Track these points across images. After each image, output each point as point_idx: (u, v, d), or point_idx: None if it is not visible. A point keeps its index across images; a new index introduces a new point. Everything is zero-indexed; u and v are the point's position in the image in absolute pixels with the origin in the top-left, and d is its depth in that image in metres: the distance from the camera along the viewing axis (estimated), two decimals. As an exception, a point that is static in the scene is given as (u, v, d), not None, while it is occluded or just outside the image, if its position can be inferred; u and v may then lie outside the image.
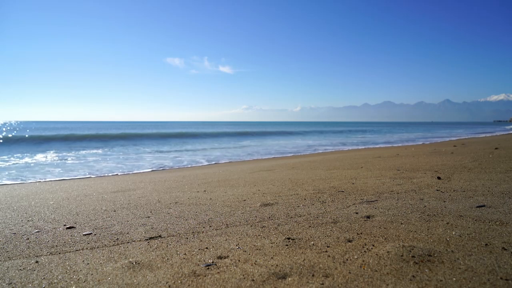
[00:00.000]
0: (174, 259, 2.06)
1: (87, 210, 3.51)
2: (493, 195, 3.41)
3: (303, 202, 3.50)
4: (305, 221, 2.77)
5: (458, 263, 1.79)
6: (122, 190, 4.85)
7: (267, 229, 2.60)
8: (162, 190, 4.66)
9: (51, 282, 1.80)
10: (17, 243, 2.49)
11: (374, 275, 1.70)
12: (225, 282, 1.71)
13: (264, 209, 3.27)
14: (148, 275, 1.84)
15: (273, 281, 1.70)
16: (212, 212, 3.22)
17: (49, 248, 2.37)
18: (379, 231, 2.39)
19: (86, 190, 4.94)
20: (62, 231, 2.78)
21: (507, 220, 2.54)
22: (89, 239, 2.52)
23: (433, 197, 3.43)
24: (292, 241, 2.26)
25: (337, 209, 3.11)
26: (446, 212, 2.84)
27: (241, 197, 3.90)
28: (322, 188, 4.27)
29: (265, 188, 4.46)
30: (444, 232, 2.30)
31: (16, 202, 4.09)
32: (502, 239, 2.13)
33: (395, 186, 4.18)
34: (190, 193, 4.36)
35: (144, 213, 3.28)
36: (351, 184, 4.48)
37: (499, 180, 4.27)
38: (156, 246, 2.32)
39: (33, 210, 3.62)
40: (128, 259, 2.07)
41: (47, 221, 3.12)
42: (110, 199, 4.10)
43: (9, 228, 2.90)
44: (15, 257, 2.21)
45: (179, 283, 1.72)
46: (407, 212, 2.88)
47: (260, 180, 5.32)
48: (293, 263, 1.89)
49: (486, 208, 2.92)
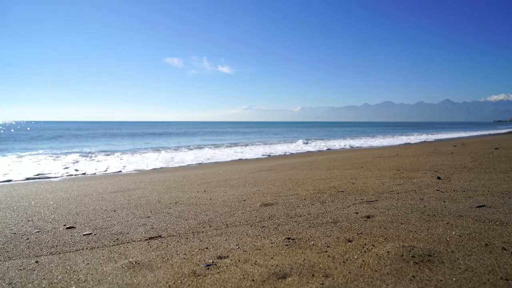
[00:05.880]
0: (174, 259, 2.06)
1: (87, 210, 3.51)
2: (493, 195, 3.41)
3: (303, 202, 3.50)
4: (305, 221, 2.77)
5: (458, 263, 1.80)
6: (122, 190, 4.85)
7: (267, 229, 2.60)
8: (162, 190, 4.66)
9: (51, 282, 1.80)
10: (17, 243, 2.49)
11: (374, 275, 1.70)
12: (225, 282, 1.71)
13: (264, 209, 3.27)
14: (148, 275, 1.84)
15: (273, 281, 1.70)
16: (212, 212, 3.22)
17: (49, 248, 2.37)
18: (379, 231, 2.39)
19: (86, 190, 4.94)
20: (62, 231, 2.78)
21: (507, 220, 2.54)
22: (89, 239, 2.52)
23: (433, 197, 3.43)
24: (292, 241, 2.26)
25: (337, 209, 3.11)
26: (446, 212, 2.84)
27: (241, 197, 3.90)
28: (322, 188, 4.27)
29: (265, 188, 4.46)
30: (444, 232, 2.30)
31: (16, 202, 4.09)
32: (502, 239, 2.13)
33: (395, 186, 4.18)
34: (190, 193, 4.36)
35: (144, 213, 3.28)
36: (351, 184, 4.48)
37: (499, 180, 4.27)
38: (156, 246, 2.32)
39: (33, 210, 3.62)
40: (128, 259, 2.07)
41: (47, 221, 3.12)
42: (110, 199, 4.10)
43: (9, 228, 2.90)
44: (15, 257, 2.21)
45: (179, 283, 1.72)
46: (407, 212, 2.88)
47: (260, 180, 5.32)
48: (293, 263, 1.89)
49: (486, 208, 2.92)
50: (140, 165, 10.16)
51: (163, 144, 21.28)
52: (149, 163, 10.71)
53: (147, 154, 13.73)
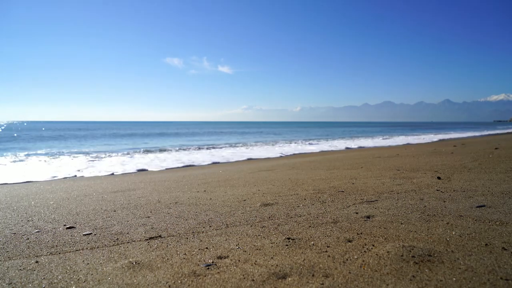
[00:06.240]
0: (174, 259, 2.06)
1: (87, 210, 3.51)
2: (493, 195, 3.41)
3: (303, 202, 3.50)
4: (305, 221, 2.77)
5: (458, 263, 1.80)
6: (122, 190, 4.85)
7: (267, 229, 2.60)
8: (162, 190, 4.66)
9: (51, 282, 1.80)
10: (17, 243, 2.49)
11: (374, 275, 1.70)
12: (225, 282, 1.71)
13: (264, 209, 3.27)
14: (148, 275, 1.84)
15: (273, 281, 1.70)
16: (212, 212, 3.22)
17: (49, 248, 2.37)
18: (379, 231, 2.39)
19: (86, 190, 4.94)
20: (62, 231, 2.78)
21: (507, 220, 2.54)
22: (89, 239, 2.52)
23: (433, 197, 3.43)
24: (292, 241, 2.26)
25: (337, 209, 3.11)
26: (446, 212, 2.84)
27: (241, 197, 3.90)
28: (322, 188, 4.27)
29: (265, 188, 4.46)
30: (444, 232, 2.30)
31: (16, 202, 4.09)
32: (502, 239, 2.13)
33: (395, 186, 4.18)
34: (190, 193, 4.36)
35: (144, 213, 3.28)
36: (351, 184, 4.48)
37: (499, 180, 4.27)
38: (156, 246, 2.32)
39: (33, 210, 3.62)
40: (128, 259, 2.07)
41: (47, 221, 3.12)
42: (110, 199, 4.10)
43: (9, 228, 2.90)
44: (15, 257, 2.21)
45: (179, 283, 1.72)
46: (407, 212, 2.88)
47: (260, 180, 5.32)
48: (293, 263, 1.89)
49: (486, 208, 2.92)
50: (138, 166, 10.16)
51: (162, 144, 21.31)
52: (149, 163, 10.71)
53: (147, 154, 13.74)
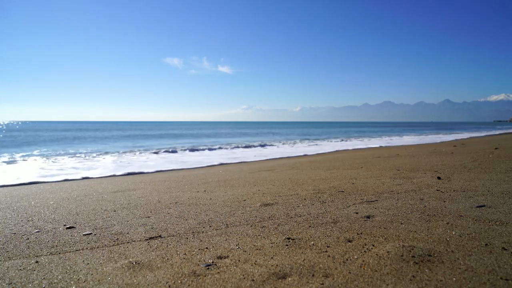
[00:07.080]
0: (174, 259, 2.06)
1: (87, 210, 3.51)
2: (493, 195, 3.41)
3: (303, 202, 3.50)
4: (305, 221, 2.77)
5: (458, 263, 1.80)
6: (122, 190, 4.85)
7: (267, 229, 2.60)
8: (162, 190, 4.66)
9: (51, 282, 1.81)
10: (17, 243, 2.49)
11: (374, 275, 1.70)
12: (225, 282, 1.71)
13: (264, 209, 3.27)
14: (148, 275, 1.84)
15: (273, 281, 1.70)
16: (212, 212, 3.22)
17: (49, 248, 2.37)
18: (379, 231, 2.39)
19: (86, 190, 4.94)
20: (62, 231, 2.78)
21: (507, 220, 2.54)
22: (89, 239, 2.52)
23: (433, 197, 3.43)
24: (292, 241, 2.26)
25: (337, 209, 3.11)
26: (446, 212, 2.84)
27: (241, 197, 3.90)
28: (322, 188, 4.27)
29: (265, 188, 4.46)
30: (444, 232, 2.30)
31: (16, 202, 4.09)
32: (502, 239, 2.13)
33: (395, 186, 4.18)
34: (190, 193, 4.36)
35: (144, 213, 3.28)
36: (351, 184, 4.48)
37: (499, 180, 4.27)
38: (156, 246, 2.32)
39: (33, 210, 3.62)
40: (128, 259, 2.07)
41: (47, 221, 3.12)
42: (110, 199, 4.10)
43: (9, 228, 2.90)
44: (15, 257, 2.21)
45: (179, 283, 1.72)
46: (407, 212, 2.88)
47: (260, 180, 5.32)
48: (293, 263, 1.89)
49: (486, 208, 2.92)
50: (137, 166, 10.16)
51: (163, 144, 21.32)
52: (149, 163, 10.71)
53: (146, 155, 13.73)
